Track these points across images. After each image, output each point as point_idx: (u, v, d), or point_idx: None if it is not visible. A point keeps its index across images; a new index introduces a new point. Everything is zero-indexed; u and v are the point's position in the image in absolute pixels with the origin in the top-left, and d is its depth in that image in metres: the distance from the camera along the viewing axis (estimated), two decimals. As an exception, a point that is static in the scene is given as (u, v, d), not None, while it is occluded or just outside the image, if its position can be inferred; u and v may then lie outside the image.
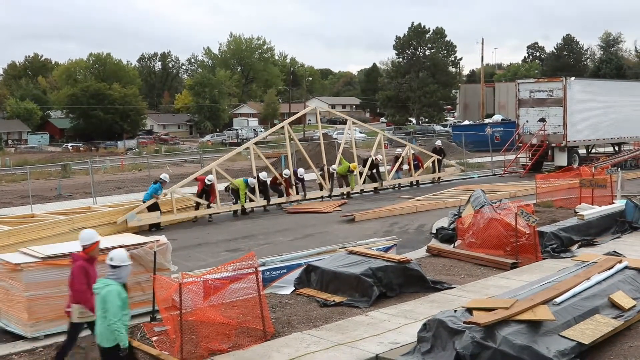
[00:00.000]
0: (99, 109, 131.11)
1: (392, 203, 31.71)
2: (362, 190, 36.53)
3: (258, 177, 31.55)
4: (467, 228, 21.00)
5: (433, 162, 40.05)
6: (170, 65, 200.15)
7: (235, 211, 30.70)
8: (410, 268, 16.39)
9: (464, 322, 10.95)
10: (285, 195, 32.81)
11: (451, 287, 16.44)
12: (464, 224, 21.25)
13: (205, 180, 29.61)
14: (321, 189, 34.86)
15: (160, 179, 28.83)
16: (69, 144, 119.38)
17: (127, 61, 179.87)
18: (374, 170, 36.98)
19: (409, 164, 38.73)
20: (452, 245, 21.23)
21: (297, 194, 33.28)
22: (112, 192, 30.83)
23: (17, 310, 13.97)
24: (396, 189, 38.29)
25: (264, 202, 31.62)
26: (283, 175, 32.95)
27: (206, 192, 29.72)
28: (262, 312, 13.13)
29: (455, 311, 11.66)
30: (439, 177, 40.96)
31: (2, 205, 35.35)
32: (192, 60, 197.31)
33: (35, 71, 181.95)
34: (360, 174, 36.08)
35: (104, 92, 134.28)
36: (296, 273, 17.08)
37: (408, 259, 16.79)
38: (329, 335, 12.98)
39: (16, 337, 13.88)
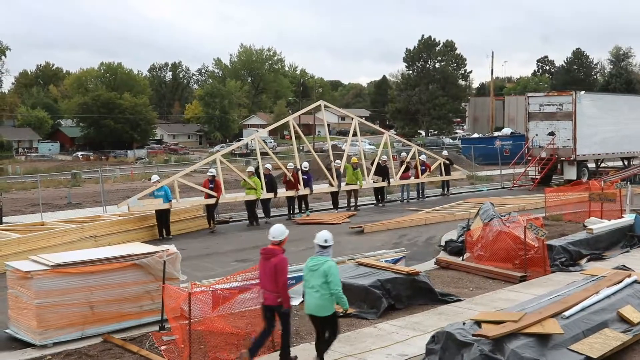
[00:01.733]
0: (109, 118, 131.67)
1: (400, 215, 31.66)
2: (377, 198, 36.47)
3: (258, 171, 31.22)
4: (475, 241, 20.99)
5: (441, 167, 40.01)
6: (181, 76, 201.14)
7: (251, 221, 30.41)
8: (418, 280, 16.41)
9: (473, 335, 10.95)
10: (294, 189, 32.30)
11: (460, 300, 16.46)
12: (472, 237, 21.23)
13: (208, 174, 29.76)
14: (334, 205, 34.52)
15: (154, 181, 28.44)
16: (79, 153, 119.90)
17: (138, 71, 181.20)
18: (384, 179, 36.51)
19: (415, 167, 38.39)
20: (461, 257, 21.21)
21: (304, 188, 32.65)
22: (121, 201, 30.92)
23: (27, 318, 14.02)
24: (405, 201, 37.97)
25: (271, 195, 31.28)
26: (287, 167, 32.67)
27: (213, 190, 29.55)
28: (271, 322, 13.14)
29: (463, 324, 11.66)
30: (448, 189, 40.94)
31: (13, 213, 35.42)
32: (203, 70, 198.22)
33: (47, 80, 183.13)
34: (369, 171, 36.00)
35: (115, 101, 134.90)
36: (305, 284, 17.08)
37: (417, 271, 16.79)
38: (337, 347, 12.97)
39: (25, 345, 13.92)
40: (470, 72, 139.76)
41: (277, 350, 12.78)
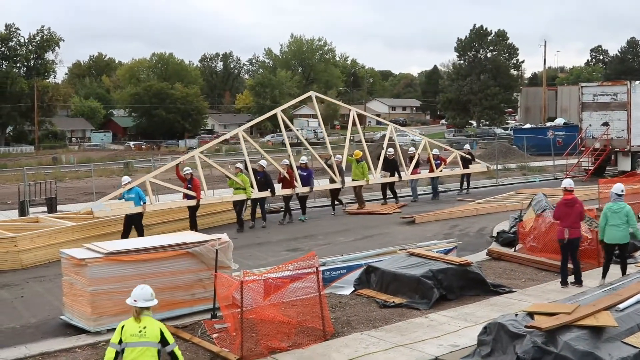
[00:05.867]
0: (161, 108, 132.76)
1: (452, 205, 31.52)
2: (384, 195, 33.26)
3: (253, 168, 28.33)
4: (528, 232, 20.82)
5: (459, 161, 36.74)
6: (232, 66, 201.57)
7: (240, 225, 27.21)
8: (470, 271, 16.33)
9: (525, 326, 10.86)
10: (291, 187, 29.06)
11: (512, 291, 16.36)
12: (525, 228, 21.07)
13: (183, 175, 26.67)
14: (332, 204, 31.26)
15: (125, 182, 24.50)
16: (131, 143, 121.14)
17: (190, 61, 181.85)
18: (395, 172, 32.96)
19: (428, 161, 35.43)
20: (513, 249, 21.07)
21: (303, 186, 29.33)
22: (173, 190, 31.01)
23: (81, 305, 14.20)
24: (415, 201, 34.74)
25: (268, 194, 28.26)
26: (282, 163, 29.42)
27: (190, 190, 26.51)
28: (322, 311, 13.18)
29: (516, 315, 11.57)
30: (468, 185, 37.90)
31: (67, 202, 35.92)
32: (254, 60, 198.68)
33: (99, 70, 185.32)
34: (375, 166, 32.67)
35: (166, 91, 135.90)
36: (356, 274, 17.10)
37: (469, 262, 16.71)
38: (389, 337, 12.99)
39: (79, 331, 14.12)
40: (523, 61, 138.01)
41: (328, 339, 12.84)
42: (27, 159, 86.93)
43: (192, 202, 26.26)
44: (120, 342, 9.37)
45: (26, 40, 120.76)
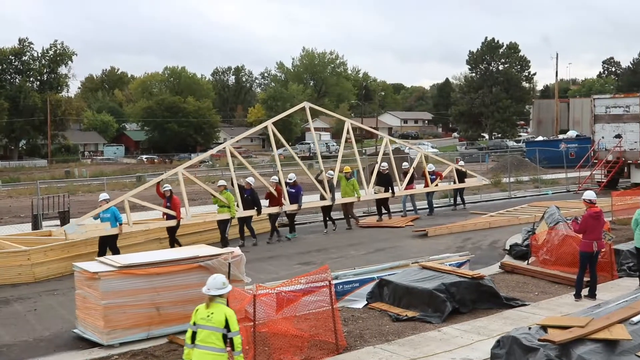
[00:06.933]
0: (173, 121, 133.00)
1: (464, 219, 31.49)
2: (379, 210, 32.35)
3: (240, 185, 27.53)
4: (541, 245, 20.77)
5: (454, 175, 35.28)
6: (244, 79, 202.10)
7: (224, 244, 25.37)
8: (483, 284, 16.29)
9: (539, 340, 10.83)
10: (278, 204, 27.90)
11: (525, 304, 16.31)
12: (538, 241, 21.02)
13: (162, 190, 25.59)
14: (324, 222, 30.05)
15: (102, 200, 23.61)
16: (144, 156, 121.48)
17: (202, 75, 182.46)
18: (387, 189, 31.67)
19: (424, 175, 33.75)
20: (526, 262, 21.02)
21: (292, 204, 28.16)
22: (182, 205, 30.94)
23: (94, 318, 14.24)
24: (411, 212, 33.81)
25: (254, 212, 27.07)
26: (271, 180, 28.21)
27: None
28: (335, 325, 13.16)
29: (529, 328, 11.55)
30: (462, 200, 36.76)
31: (79, 215, 35.82)
32: (266, 74, 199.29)
33: (112, 84, 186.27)
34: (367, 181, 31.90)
35: (179, 105, 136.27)
36: (369, 287, 17.09)
37: (481, 275, 16.68)
38: (401, 350, 12.96)
39: (92, 344, 14.16)
40: (534, 74, 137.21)
41: (341, 353, 12.81)
42: (40, 172, 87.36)
43: (172, 223, 25.03)
44: (195, 324, 10.39)
45: (39, 55, 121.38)
